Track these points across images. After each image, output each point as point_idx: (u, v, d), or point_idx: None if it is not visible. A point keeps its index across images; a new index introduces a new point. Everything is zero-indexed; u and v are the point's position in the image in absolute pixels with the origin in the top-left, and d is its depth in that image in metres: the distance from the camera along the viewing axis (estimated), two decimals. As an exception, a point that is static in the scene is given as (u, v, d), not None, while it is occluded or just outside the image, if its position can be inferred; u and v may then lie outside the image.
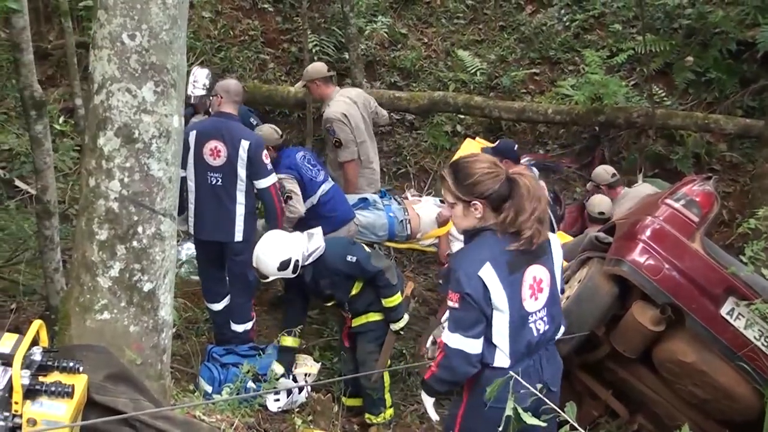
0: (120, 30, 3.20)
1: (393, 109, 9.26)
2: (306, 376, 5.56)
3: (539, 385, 2.87)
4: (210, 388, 5.25)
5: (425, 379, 3.39)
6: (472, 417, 3.27)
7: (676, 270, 4.42)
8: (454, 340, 3.11)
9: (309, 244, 5.24)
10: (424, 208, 6.92)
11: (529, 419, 2.56)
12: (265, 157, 5.54)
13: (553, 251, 3.32)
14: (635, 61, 9.14)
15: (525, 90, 9.51)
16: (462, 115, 9.07)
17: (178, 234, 3.80)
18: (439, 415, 3.75)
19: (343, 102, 6.74)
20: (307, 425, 4.82)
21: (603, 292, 4.58)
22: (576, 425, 2.42)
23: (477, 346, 3.10)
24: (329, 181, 6.32)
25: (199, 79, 6.68)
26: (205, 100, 6.48)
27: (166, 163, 3.35)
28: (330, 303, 5.51)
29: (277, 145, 6.17)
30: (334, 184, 6.40)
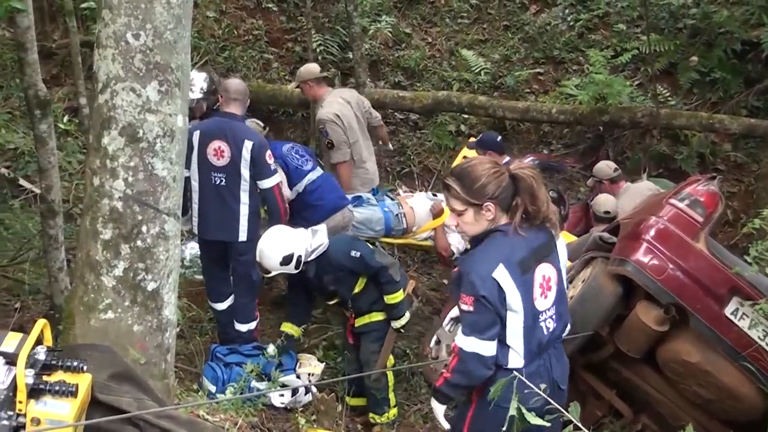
0: (124, 29, 3.21)
1: (397, 109, 9.28)
2: (310, 375, 5.56)
3: (543, 386, 2.86)
4: (214, 388, 5.24)
5: (437, 386, 3.33)
6: (482, 418, 3.25)
7: (681, 270, 4.41)
8: (469, 343, 3.09)
9: (312, 241, 5.25)
10: (417, 201, 6.92)
11: (534, 419, 2.55)
12: (269, 158, 5.54)
13: (559, 249, 3.34)
14: (639, 60, 9.12)
15: (529, 90, 9.50)
16: (466, 115, 9.06)
17: (181, 233, 3.80)
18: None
19: (336, 102, 6.72)
20: (310, 425, 4.82)
21: (607, 292, 4.57)
22: (580, 425, 2.42)
23: (492, 348, 3.09)
24: (317, 170, 6.30)
25: (196, 83, 6.47)
26: (202, 103, 6.39)
27: (171, 162, 3.36)
28: (333, 301, 5.52)
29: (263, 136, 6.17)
30: (324, 173, 6.37)
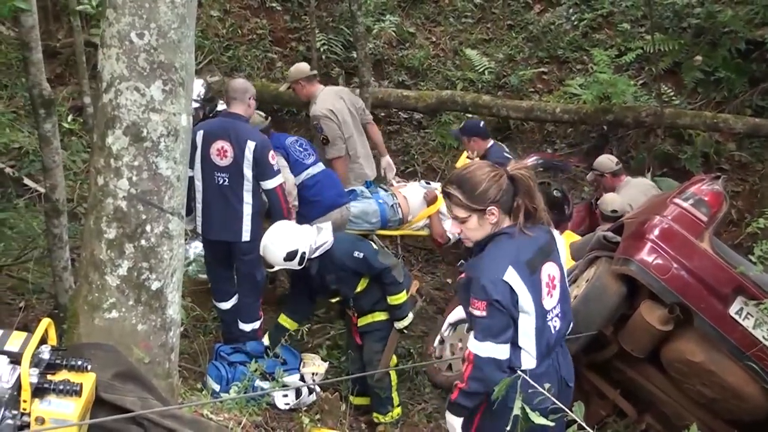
0: (128, 29, 3.20)
1: (401, 108, 9.30)
2: (314, 375, 5.56)
3: (548, 385, 2.85)
4: (218, 387, 5.24)
5: (453, 400, 3.22)
6: (490, 421, 3.22)
7: (685, 269, 4.40)
8: (485, 349, 3.05)
9: (317, 238, 5.24)
10: (411, 190, 6.93)
11: (537, 419, 2.55)
12: (272, 158, 5.53)
13: (559, 247, 3.34)
14: (644, 60, 9.12)
15: (533, 89, 9.51)
16: (470, 114, 9.04)
17: (185, 233, 3.80)
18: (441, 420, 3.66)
19: (329, 98, 6.73)
20: (314, 424, 4.82)
21: (611, 292, 4.56)
22: (584, 425, 2.42)
23: (507, 351, 3.06)
24: (319, 165, 6.30)
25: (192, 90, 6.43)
26: (199, 111, 6.34)
27: (175, 161, 3.36)
28: (335, 299, 5.51)
29: (265, 128, 6.20)
30: (325, 170, 6.36)
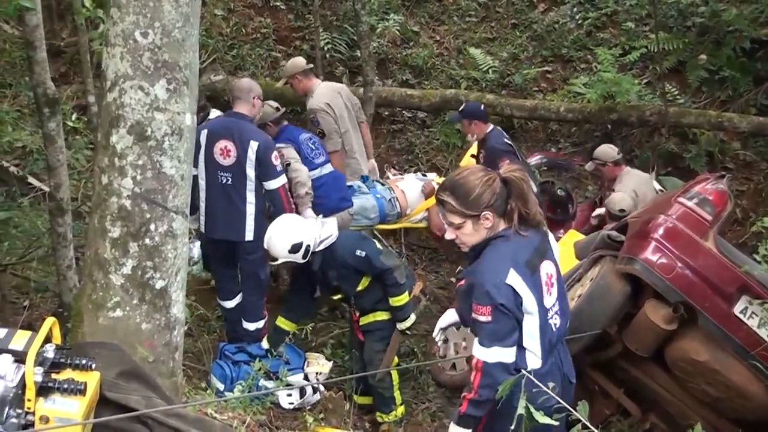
0: (133, 28, 3.21)
1: (405, 107, 9.31)
2: (318, 375, 5.56)
3: (552, 384, 2.85)
4: (222, 386, 5.25)
5: (462, 412, 3.13)
6: (496, 420, 3.21)
7: (689, 268, 4.40)
8: (493, 354, 3.02)
9: (322, 231, 5.24)
10: (408, 183, 6.93)
11: (542, 418, 2.55)
12: (275, 159, 5.52)
13: (552, 245, 3.34)
14: (648, 59, 9.12)
15: (537, 88, 9.51)
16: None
17: (189, 232, 3.80)
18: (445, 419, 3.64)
19: (327, 92, 6.73)
20: (318, 423, 4.82)
21: (615, 291, 4.56)
22: (588, 424, 2.42)
23: (513, 354, 3.05)
24: (327, 167, 6.30)
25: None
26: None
27: (179, 160, 3.36)
28: (336, 296, 5.50)
29: (277, 119, 6.23)
30: (332, 172, 6.35)
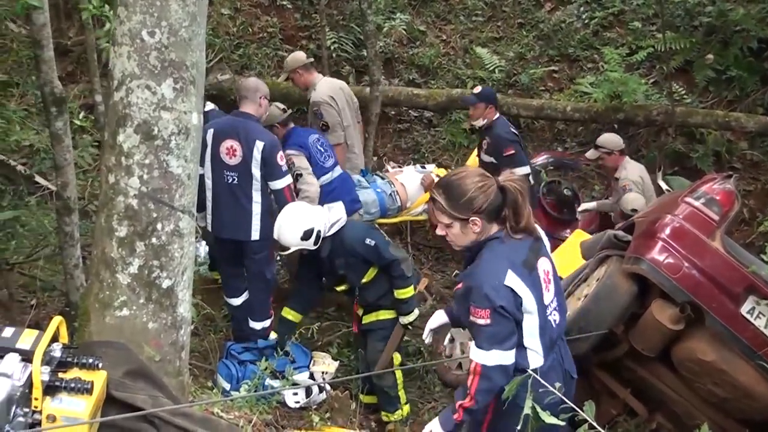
0: (140, 27, 3.21)
1: (411, 107, 9.30)
2: (324, 374, 5.56)
3: (558, 384, 2.84)
4: (228, 385, 5.26)
5: (459, 421, 3.11)
6: (501, 420, 3.20)
7: (696, 268, 4.38)
8: (492, 357, 3.00)
9: (330, 215, 5.25)
10: (407, 176, 6.93)
11: (549, 419, 2.55)
12: (280, 159, 5.52)
13: (545, 242, 3.33)
14: (655, 58, 9.10)
15: (544, 87, 9.49)
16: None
17: (196, 231, 3.80)
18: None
19: (329, 86, 6.76)
20: (324, 422, 4.82)
21: (622, 291, 4.55)
22: (595, 423, 2.41)
23: (513, 356, 3.03)
24: (336, 170, 6.30)
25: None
26: None
27: (185, 160, 3.36)
28: (341, 287, 5.48)
29: (284, 120, 6.23)
30: (342, 174, 6.37)
